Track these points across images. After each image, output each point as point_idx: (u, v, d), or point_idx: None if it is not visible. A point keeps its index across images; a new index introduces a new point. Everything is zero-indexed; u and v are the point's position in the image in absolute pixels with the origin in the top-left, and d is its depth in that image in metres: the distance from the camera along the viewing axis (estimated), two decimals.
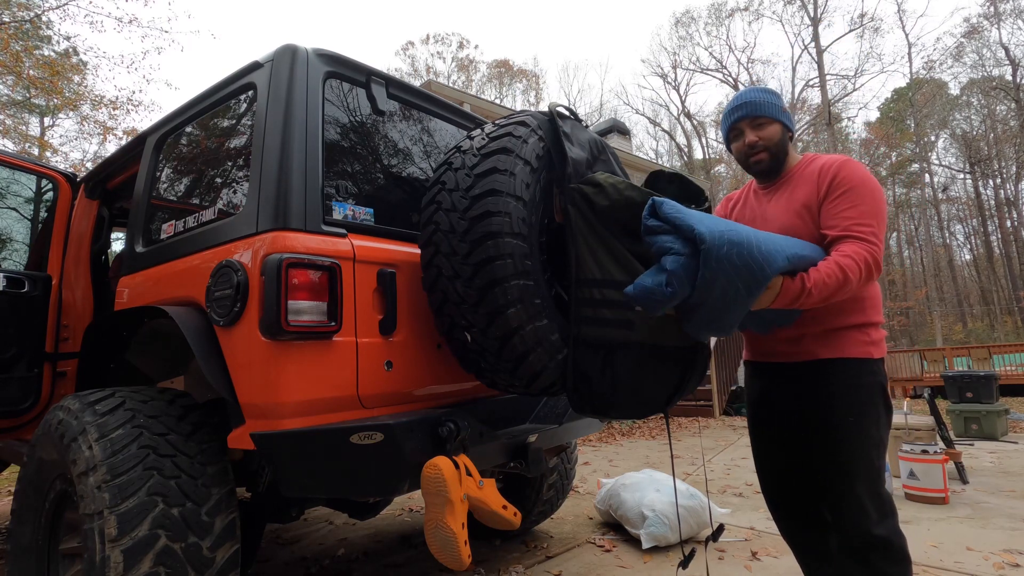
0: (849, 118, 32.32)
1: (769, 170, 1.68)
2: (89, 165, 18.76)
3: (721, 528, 1.74)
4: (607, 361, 1.56)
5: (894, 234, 35.72)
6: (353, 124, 1.92)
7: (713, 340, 7.03)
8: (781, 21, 32.38)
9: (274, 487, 2.02)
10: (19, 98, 16.07)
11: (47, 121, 20.30)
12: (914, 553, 2.68)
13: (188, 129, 2.19)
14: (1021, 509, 3.41)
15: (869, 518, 1.50)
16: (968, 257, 35.19)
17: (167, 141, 2.26)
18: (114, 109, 15.95)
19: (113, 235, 3.31)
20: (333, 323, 1.56)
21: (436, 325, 1.76)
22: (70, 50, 16.85)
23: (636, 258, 1.53)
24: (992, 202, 32.10)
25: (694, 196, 1.69)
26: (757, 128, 1.65)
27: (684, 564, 1.67)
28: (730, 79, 30.82)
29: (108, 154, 2.88)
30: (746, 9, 31.04)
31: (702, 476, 4.48)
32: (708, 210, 2.05)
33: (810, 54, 29.20)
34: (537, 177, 1.67)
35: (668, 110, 34.80)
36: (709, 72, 32.04)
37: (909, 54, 30.09)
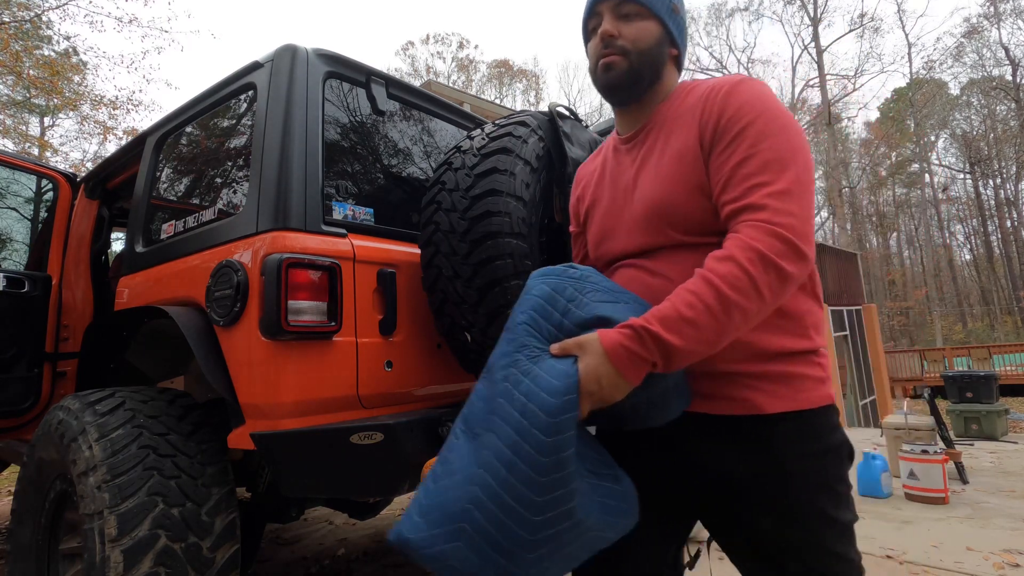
0: (849, 118, 32.35)
1: (622, 85, 1.03)
2: (89, 165, 18.77)
3: None
4: None
5: (894, 234, 35.72)
6: (353, 124, 1.92)
7: None
8: (781, 21, 32.42)
9: (274, 487, 2.02)
10: (19, 98, 16.06)
11: (47, 121, 20.29)
12: (914, 553, 2.69)
13: (188, 129, 2.19)
14: (1021, 509, 3.41)
15: None
16: (968, 257, 35.21)
17: (167, 141, 2.26)
18: (114, 109, 15.96)
19: (113, 235, 3.31)
20: (333, 323, 1.56)
21: (436, 325, 1.76)
22: (70, 50, 16.85)
23: None
24: (992, 202, 32.11)
25: None
26: (622, 18, 1.02)
27: (691, 565, 1.67)
28: None
29: (108, 154, 2.88)
30: (746, 9, 31.07)
31: None
32: None
33: (810, 54, 29.22)
34: (537, 177, 1.67)
35: None
36: (709, 72, 32.05)
37: (909, 54, 30.14)
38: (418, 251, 1.74)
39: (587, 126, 1.96)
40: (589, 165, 1.22)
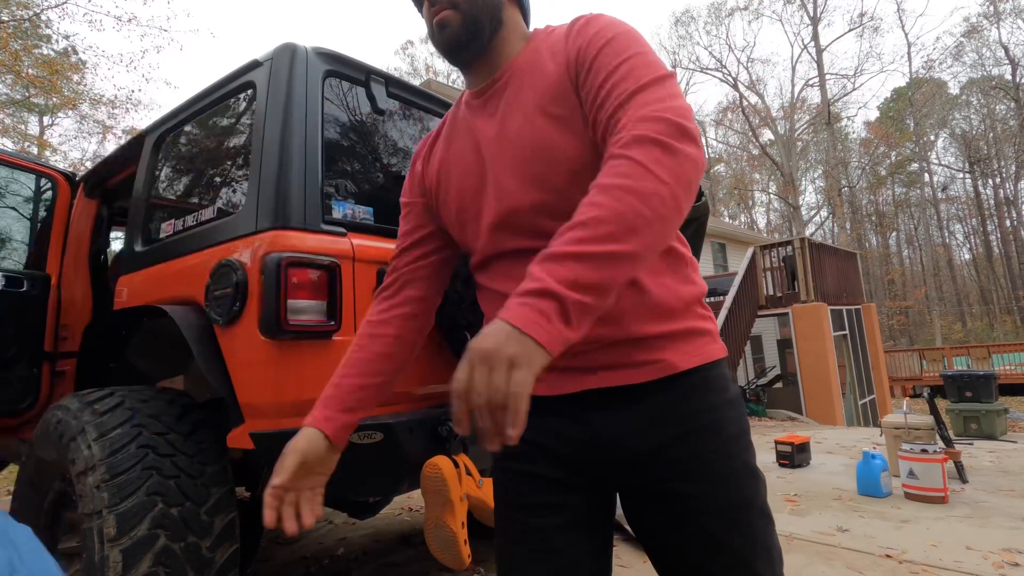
0: (849, 117, 32.36)
1: (461, 40, 0.89)
2: (88, 164, 18.76)
3: None
4: None
5: (893, 233, 35.74)
6: (353, 123, 1.91)
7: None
8: (781, 20, 32.40)
9: None
10: (18, 97, 16.06)
11: (46, 120, 20.28)
12: (913, 552, 2.69)
13: (187, 128, 2.19)
14: (1020, 508, 3.41)
15: None
16: (967, 256, 35.24)
17: (166, 140, 2.26)
18: (113, 108, 15.98)
19: (112, 234, 3.31)
20: (333, 322, 1.56)
21: (436, 324, 1.75)
22: (69, 49, 16.84)
23: None
24: (991, 201, 32.13)
25: None
26: None
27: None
28: (730, 78, 30.83)
29: (107, 153, 2.87)
30: (746, 8, 31.05)
31: None
32: (704, 207, 2.04)
33: (810, 53, 29.21)
34: None
35: None
36: (709, 71, 32.04)
37: (908, 53, 30.16)
38: None
39: None
40: (428, 137, 1.05)
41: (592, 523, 0.86)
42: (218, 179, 2.01)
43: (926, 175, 31.52)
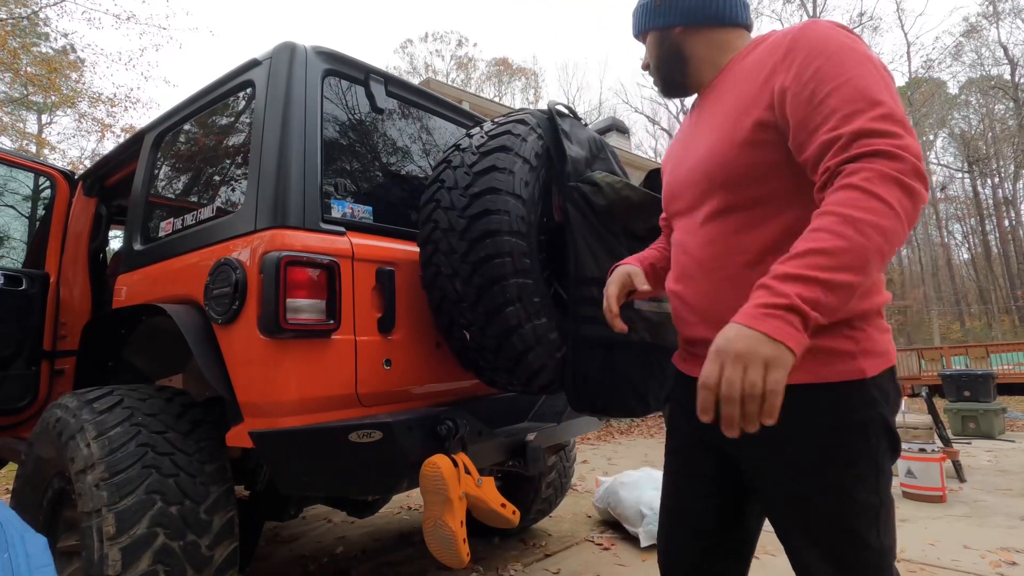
0: None
1: (668, 88, 1.18)
2: (87, 163, 18.73)
3: None
4: (606, 360, 1.56)
5: None
6: (352, 122, 1.91)
7: None
8: (780, 20, 32.36)
9: (272, 485, 2.02)
10: (16, 95, 16.02)
11: (45, 118, 20.23)
12: (912, 551, 2.69)
13: (186, 127, 2.19)
14: (1018, 507, 3.42)
15: None
16: (966, 256, 35.28)
17: (165, 138, 2.26)
18: (112, 106, 15.93)
19: (111, 233, 3.30)
20: (332, 321, 1.56)
21: (435, 323, 1.75)
22: (67, 47, 16.78)
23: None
24: (990, 201, 32.17)
25: None
26: (648, 47, 1.19)
27: None
28: None
29: (106, 152, 2.87)
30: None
31: None
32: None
33: None
34: (536, 175, 1.67)
35: (667, 108, 34.80)
36: None
37: (908, 53, 30.15)
38: (417, 249, 1.74)
39: (586, 124, 1.96)
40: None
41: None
42: (217, 178, 2.01)
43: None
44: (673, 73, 1.14)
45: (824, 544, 0.91)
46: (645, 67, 1.21)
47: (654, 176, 1.77)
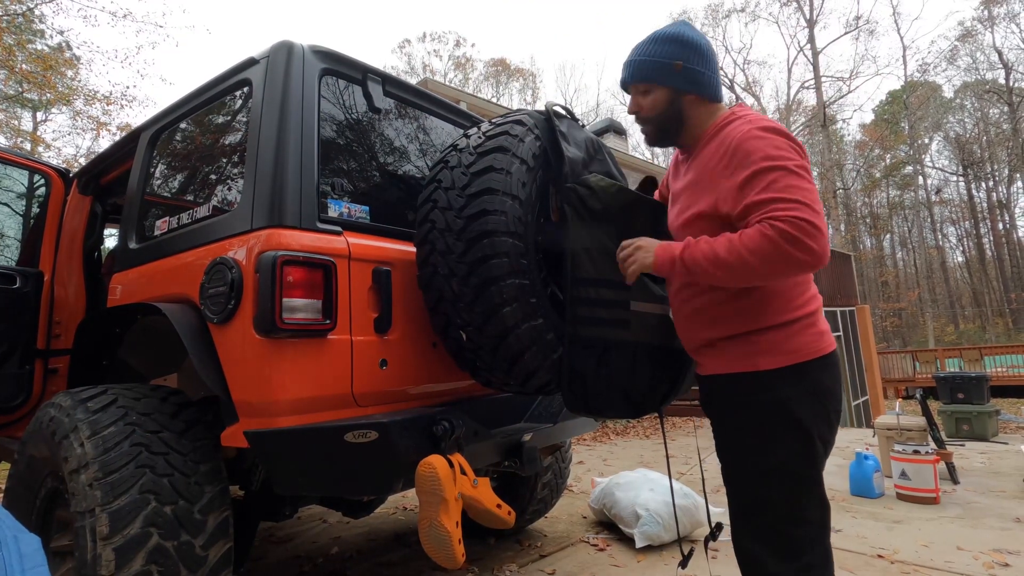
0: (844, 120, 32.52)
1: (655, 141, 1.44)
2: (82, 161, 18.64)
3: (720, 527, 1.71)
4: (602, 360, 1.56)
5: (887, 235, 35.94)
6: (349, 121, 1.91)
7: None
8: (777, 23, 32.45)
9: (267, 485, 2.02)
10: (11, 92, 15.93)
11: (40, 116, 20.14)
12: (905, 552, 2.70)
13: (183, 125, 2.18)
14: (1011, 509, 3.44)
15: (758, 562, 1.27)
16: (960, 259, 35.46)
17: (161, 137, 2.25)
18: (108, 104, 15.86)
19: (106, 231, 3.29)
20: (328, 321, 1.55)
21: (431, 323, 1.75)
22: (63, 44, 16.72)
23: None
24: (984, 205, 32.36)
25: None
26: (641, 94, 1.38)
27: (684, 563, 1.67)
28: (726, 80, 30.89)
29: (102, 150, 2.86)
30: (742, 10, 31.16)
31: (696, 475, 4.49)
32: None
33: (806, 56, 29.36)
34: (533, 176, 1.67)
35: None
36: None
37: (904, 57, 30.30)
38: (414, 249, 1.74)
39: (583, 125, 1.96)
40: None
41: None
42: (213, 177, 2.01)
43: (920, 178, 31.70)
44: (669, 128, 1.38)
45: (733, 501, 1.34)
46: (634, 112, 1.40)
47: (648, 184, 1.79)
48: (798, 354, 1.24)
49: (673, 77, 1.33)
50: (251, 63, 1.83)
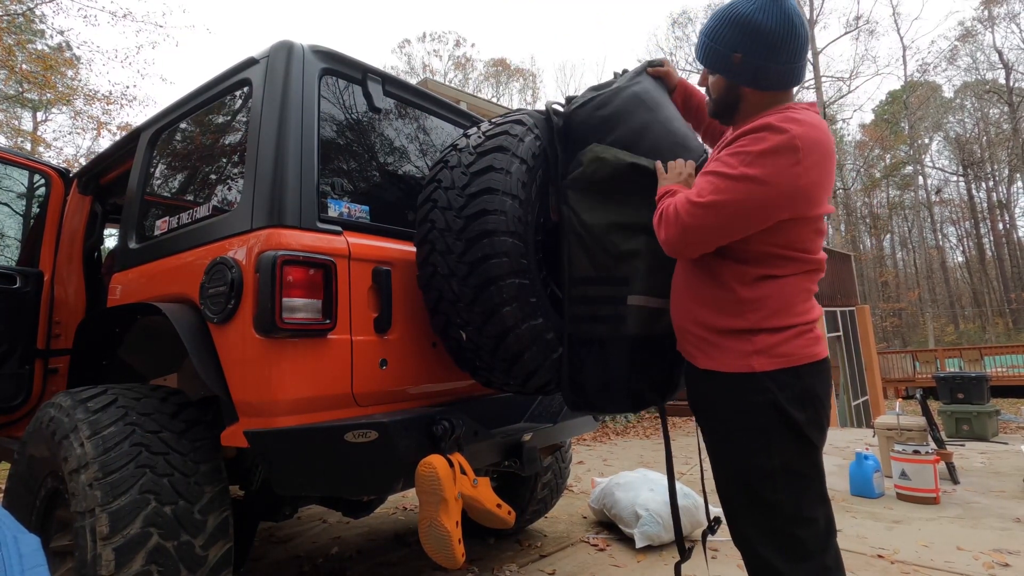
0: (844, 120, 32.47)
1: (716, 115, 1.45)
2: (82, 160, 18.64)
3: (718, 520, 1.70)
4: (601, 357, 1.56)
5: (887, 235, 35.95)
6: (349, 121, 1.91)
7: None
8: None
9: (267, 485, 2.02)
10: (11, 92, 15.93)
11: (40, 116, 20.13)
12: (905, 552, 2.71)
13: (183, 125, 2.18)
14: (1011, 509, 3.44)
15: (770, 567, 1.26)
16: (960, 259, 35.46)
17: (161, 137, 2.25)
18: (108, 104, 15.85)
19: (106, 231, 3.29)
20: (328, 321, 1.55)
21: (431, 323, 1.75)
22: (63, 44, 16.72)
23: (639, 231, 1.53)
24: (984, 205, 32.36)
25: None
26: (707, 72, 1.42)
27: (683, 559, 1.67)
28: None
29: (102, 149, 2.86)
30: None
31: (695, 476, 4.49)
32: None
33: None
34: (533, 176, 1.67)
35: None
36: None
37: (904, 57, 30.27)
38: (414, 249, 1.74)
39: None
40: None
41: None
42: (213, 176, 2.01)
43: (920, 178, 31.69)
44: (725, 112, 1.41)
45: (728, 502, 1.36)
46: (703, 86, 1.47)
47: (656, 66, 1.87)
48: (792, 358, 1.25)
49: (731, 69, 1.32)
50: (251, 63, 1.83)
